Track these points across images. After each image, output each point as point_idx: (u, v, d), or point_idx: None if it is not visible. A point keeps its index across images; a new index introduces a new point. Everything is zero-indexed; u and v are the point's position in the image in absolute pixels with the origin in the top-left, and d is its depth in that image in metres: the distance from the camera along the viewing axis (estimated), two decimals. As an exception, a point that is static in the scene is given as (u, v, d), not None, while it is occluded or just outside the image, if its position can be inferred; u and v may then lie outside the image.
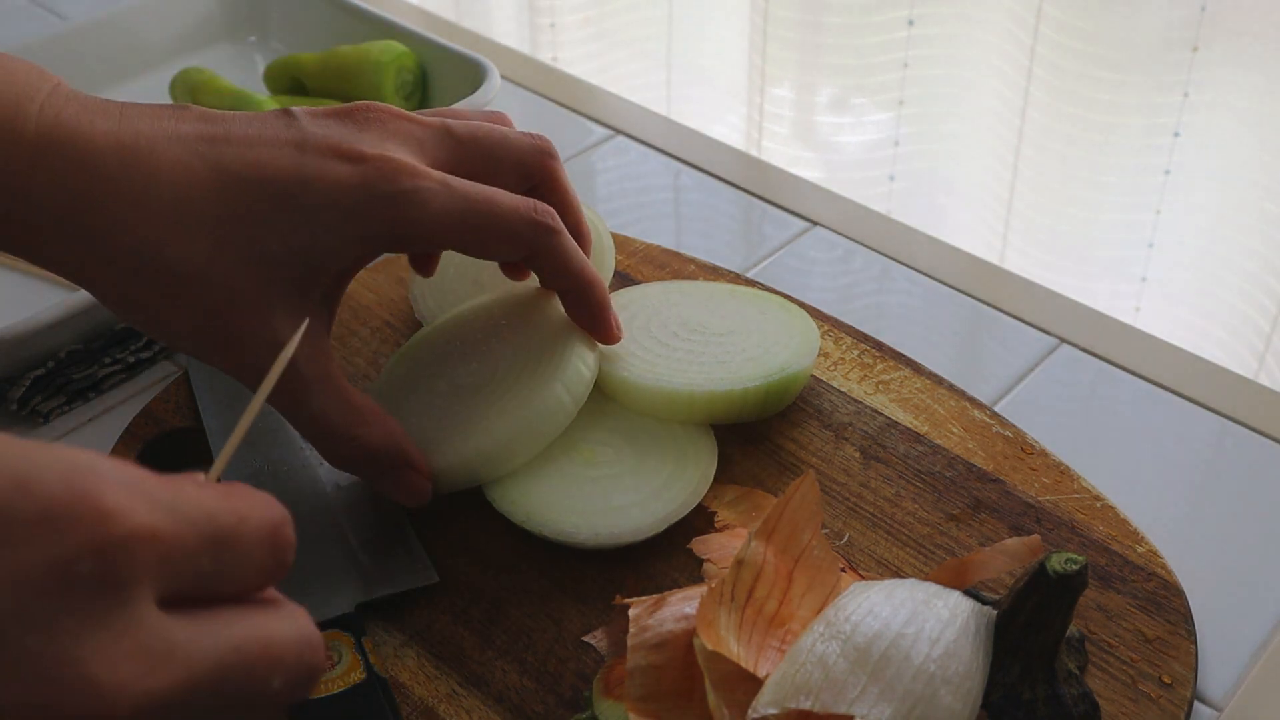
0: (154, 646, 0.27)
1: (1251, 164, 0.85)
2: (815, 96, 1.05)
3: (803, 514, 0.45)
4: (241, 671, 0.29)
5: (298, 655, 0.31)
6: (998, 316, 0.67)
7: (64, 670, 0.26)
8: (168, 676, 0.27)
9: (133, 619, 0.27)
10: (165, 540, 0.28)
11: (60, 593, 0.26)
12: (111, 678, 0.26)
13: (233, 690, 0.29)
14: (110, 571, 0.27)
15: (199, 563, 0.29)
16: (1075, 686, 0.45)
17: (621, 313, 0.60)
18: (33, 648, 0.26)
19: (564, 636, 0.50)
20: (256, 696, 0.30)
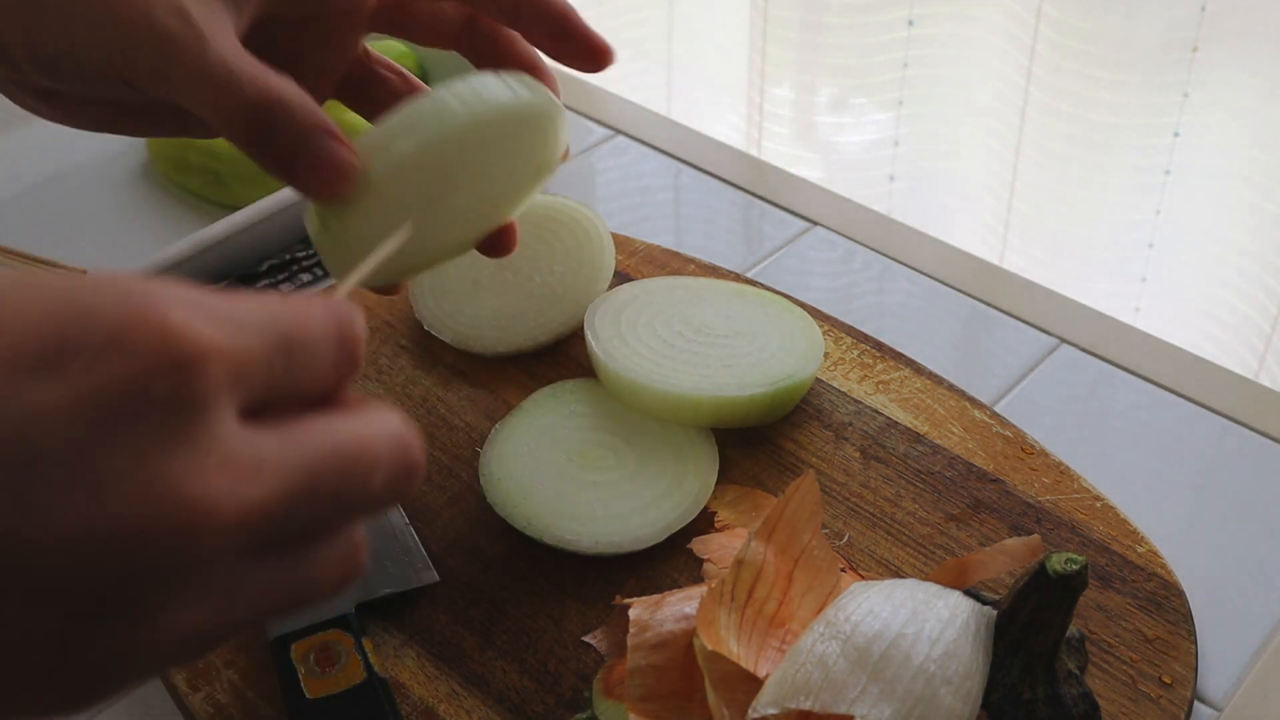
0: (242, 459, 0.27)
1: (1251, 164, 0.85)
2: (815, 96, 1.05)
3: (803, 514, 0.46)
4: (336, 475, 0.29)
5: (394, 452, 0.30)
6: (998, 316, 0.67)
7: (154, 489, 0.25)
8: (261, 487, 0.27)
9: (216, 434, 0.26)
10: (234, 353, 0.27)
11: (139, 413, 0.25)
12: (204, 492, 0.26)
13: (330, 494, 0.29)
14: (185, 389, 0.26)
15: (271, 369, 0.28)
16: (1075, 686, 0.45)
17: (625, 309, 0.60)
18: (120, 469, 0.25)
19: (564, 636, 0.50)
20: (358, 499, 0.29)
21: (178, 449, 0.26)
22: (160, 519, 0.25)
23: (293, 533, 0.29)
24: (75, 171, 0.79)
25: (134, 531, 0.25)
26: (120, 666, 0.27)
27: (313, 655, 0.47)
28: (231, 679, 0.48)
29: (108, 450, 0.25)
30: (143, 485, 0.25)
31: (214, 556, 0.26)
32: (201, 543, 0.26)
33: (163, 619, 0.26)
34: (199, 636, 0.28)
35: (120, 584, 0.25)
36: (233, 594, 0.28)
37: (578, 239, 0.64)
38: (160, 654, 0.27)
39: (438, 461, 0.57)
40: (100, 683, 0.27)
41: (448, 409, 0.60)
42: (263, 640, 0.49)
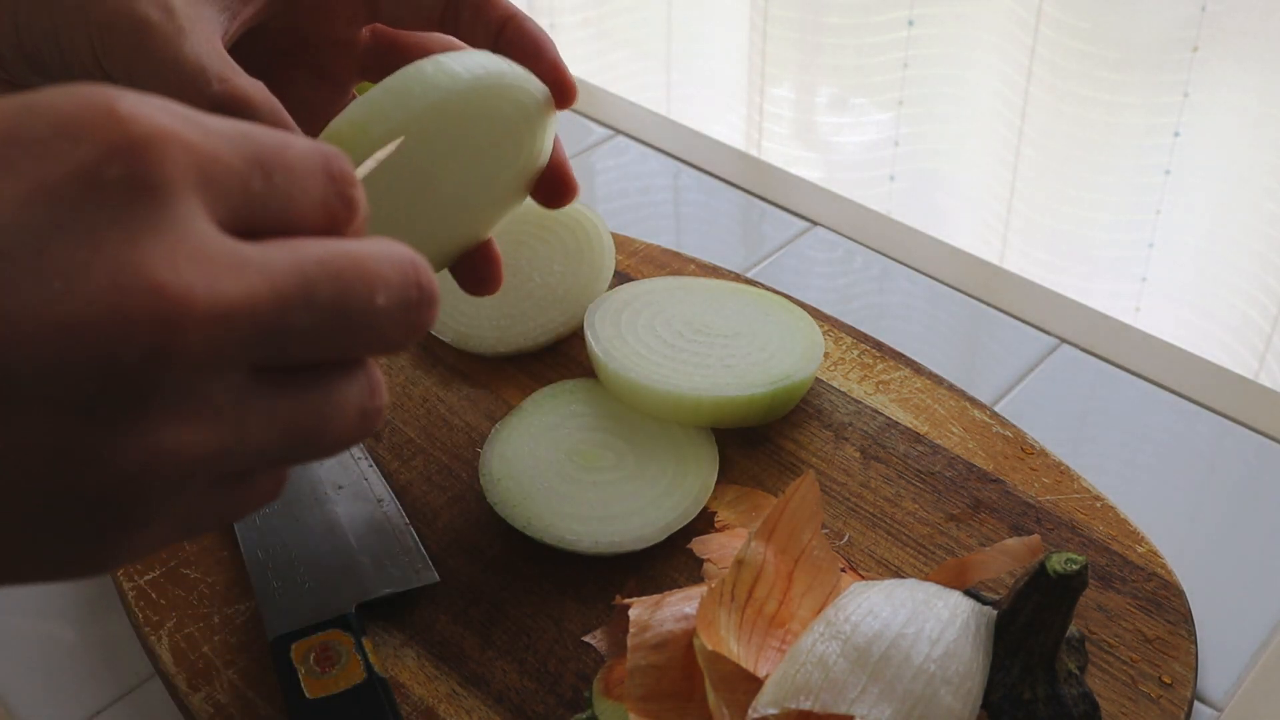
0: (220, 256, 0.25)
1: (1251, 164, 0.85)
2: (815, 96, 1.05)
3: (803, 514, 0.45)
4: (334, 284, 0.27)
5: (399, 271, 0.28)
6: (998, 316, 0.67)
7: (120, 277, 0.24)
8: (244, 284, 0.25)
9: (185, 226, 0.25)
10: (197, 148, 0.25)
11: (94, 200, 0.24)
12: (175, 280, 0.24)
13: (329, 305, 0.27)
14: (141, 173, 0.24)
15: (248, 185, 0.26)
16: (1075, 686, 0.45)
17: (625, 309, 0.60)
18: (82, 260, 0.23)
19: (564, 636, 0.50)
20: (363, 316, 0.27)
21: (140, 236, 0.24)
22: (130, 307, 0.24)
23: (295, 349, 0.27)
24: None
25: (104, 321, 0.23)
26: (130, 495, 0.25)
27: (313, 655, 0.47)
28: (231, 679, 0.48)
29: (65, 242, 0.24)
30: (107, 274, 0.24)
31: (202, 358, 0.25)
32: (181, 337, 0.24)
33: (161, 434, 0.25)
34: (211, 465, 0.26)
35: (102, 385, 0.24)
36: (239, 417, 0.26)
37: (578, 239, 0.64)
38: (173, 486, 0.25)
39: (438, 461, 0.57)
40: (112, 521, 0.25)
41: (448, 409, 0.60)
42: (263, 640, 0.49)
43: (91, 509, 0.25)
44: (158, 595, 0.51)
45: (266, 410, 0.27)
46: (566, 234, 0.64)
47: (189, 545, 0.53)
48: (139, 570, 0.52)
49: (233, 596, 0.51)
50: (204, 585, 0.52)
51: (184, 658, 0.49)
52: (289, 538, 0.52)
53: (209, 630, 0.50)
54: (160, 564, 0.53)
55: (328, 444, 0.29)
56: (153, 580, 0.52)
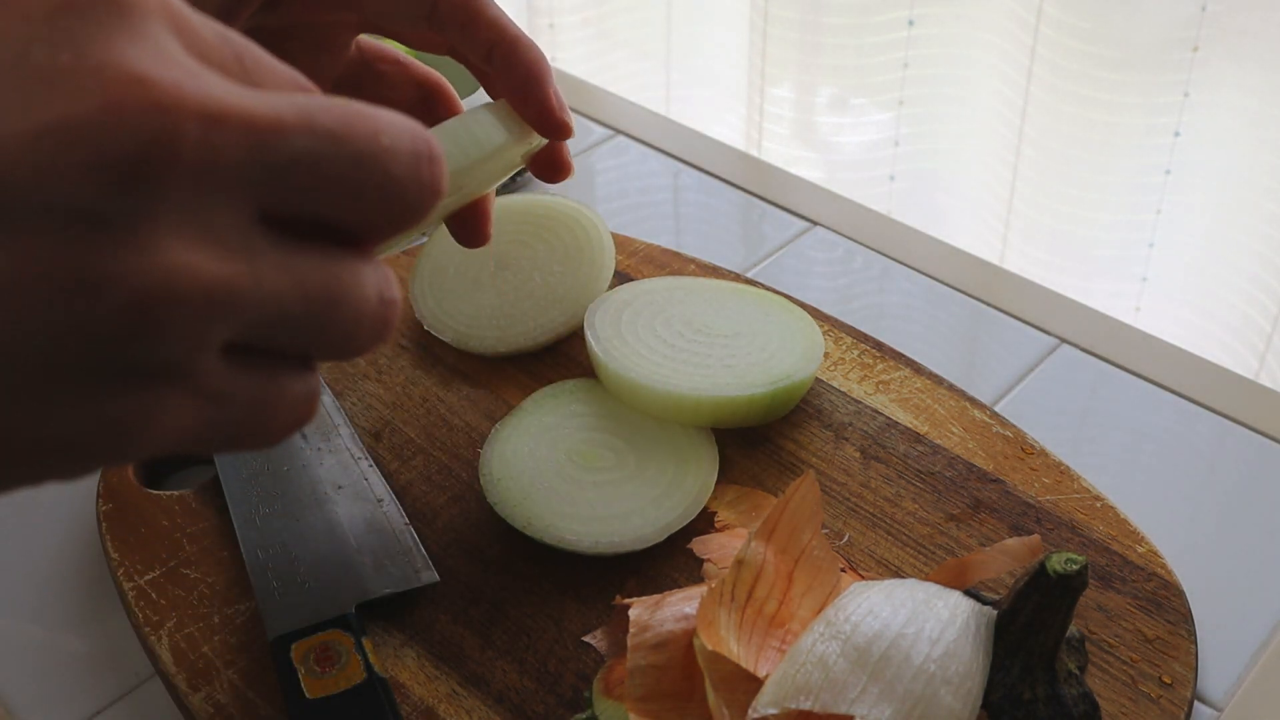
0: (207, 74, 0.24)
1: (1251, 164, 0.85)
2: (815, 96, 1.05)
3: (803, 514, 0.46)
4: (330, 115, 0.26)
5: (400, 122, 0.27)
6: (998, 316, 0.67)
7: (110, 73, 0.23)
8: (236, 94, 0.24)
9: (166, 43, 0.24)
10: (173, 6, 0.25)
11: (70, 14, 0.23)
12: (163, 74, 0.23)
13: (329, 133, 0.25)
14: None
15: (223, 58, 0.26)
16: (1075, 686, 0.45)
17: (625, 309, 0.60)
18: (64, 62, 0.23)
19: (564, 636, 0.50)
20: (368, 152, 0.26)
21: (121, 40, 0.24)
22: (120, 98, 0.23)
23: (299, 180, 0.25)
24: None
25: (95, 114, 0.23)
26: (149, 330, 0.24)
27: (313, 655, 0.47)
28: (231, 679, 0.48)
29: (45, 49, 0.23)
30: (92, 71, 0.23)
31: (200, 163, 0.24)
32: (175, 128, 0.23)
33: (170, 250, 0.24)
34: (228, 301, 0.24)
35: (101, 185, 0.23)
36: (251, 258, 0.25)
37: (578, 239, 0.64)
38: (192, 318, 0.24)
39: (438, 461, 0.57)
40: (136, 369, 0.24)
41: (448, 409, 0.60)
42: (263, 640, 0.49)
43: (104, 344, 0.23)
44: (158, 595, 0.51)
45: (280, 260, 0.26)
46: (566, 234, 0.64)
47: (189, 545, 0.53)
48: (139, 570, 0.52)
49: (233, 596, 0.51)
50: (204, 585, 0.52)
51: (184, 658, 0.49)
52: (289, 538, 0.52)
53: (209, 630, 0.50)
54: (160, 564, 0.53)
55: (348, 325, 0.27)
56: (153, 580, 0.52)
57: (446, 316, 0.63)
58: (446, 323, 0.63)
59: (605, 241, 0.64)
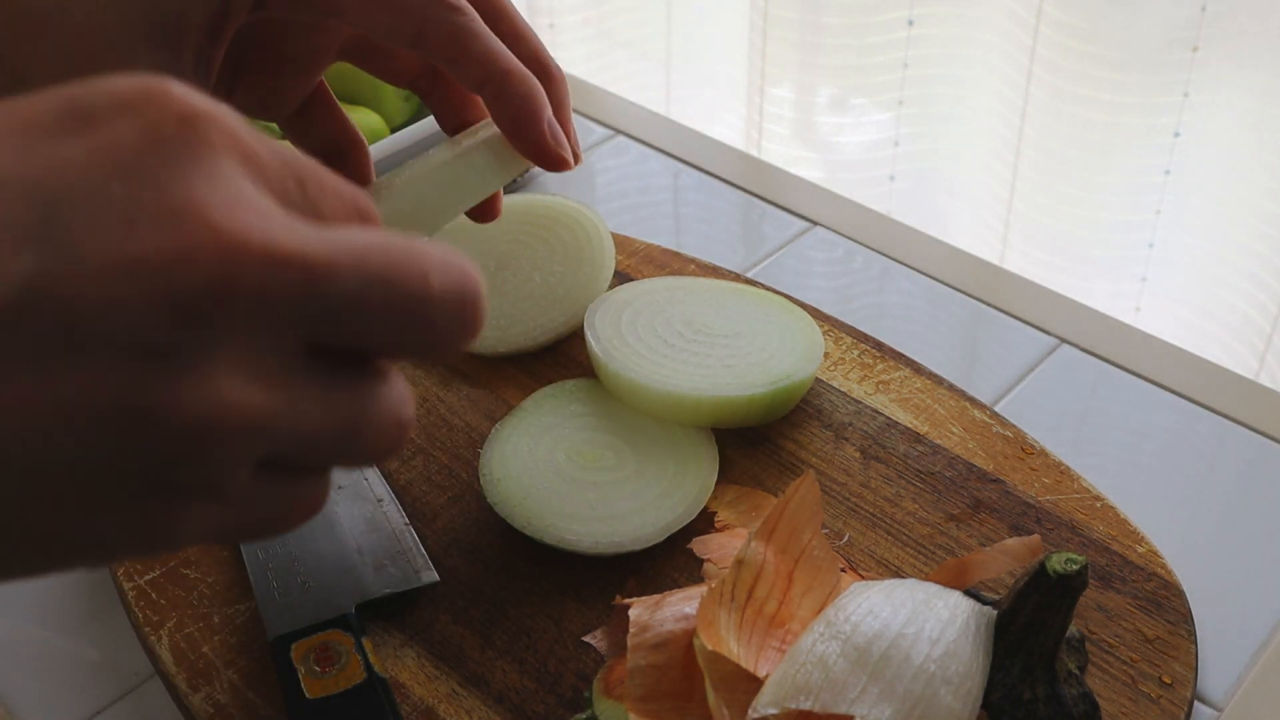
0: (273, 214, 0.26)
1: (1251, 164, 0.85)
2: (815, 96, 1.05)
3: (803, 514, 0.45)
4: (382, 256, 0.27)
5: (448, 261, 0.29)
6: (998, 316, 0.67)
7: (185, 217, 0.25)
8: (297, 236, 0.26)
9: (238, 183, 0.26)
10: (243, 140, 0.27)
11: (156, 153, 0.25)
12: (231, 221, 0.25)
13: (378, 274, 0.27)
14: (197, 134, 0.26)
15: (285, 184, 0.28)
16: (1075, 686, 0.45)
17: (625, 309, 0.60)
18: (144, 201, 0.25)
19: (564, 636, 0.50)
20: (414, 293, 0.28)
21: (198, 182, 0.25)
22: (191, 242, 0.25)
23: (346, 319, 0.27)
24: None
25: (166, 256, 0.24)
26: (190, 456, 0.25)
27: (313, 655, 0.47)
28: (231, 679, 0.48)
29: (128, 187, 0.25)
30: (168, 213, 0.25)
31: (258, 303, 0.25)
32: (238, 272, 0.25)
33: (221, 384, 0.25)
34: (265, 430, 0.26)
35: (165, 321, 0.24)
36: (292, 389, 0.27)
37: (578, 239, 0.64)
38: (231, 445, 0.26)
39: (438, 461, 0.57)
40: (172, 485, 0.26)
41: (448, 409, 0.60)
42: (263, 640, 0.49)
43: (152, 466, 0.25)
44: (158, 595, 0.51)
45: (317, 393, 0.27)
46: (566, 234, 0.64)
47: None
48: (139, 570, 0.52)
49: (233, 596, 0.51)
50: (204, 585, 0.52)
51: (184, 658, 0.49)
52: (289, 538, 0.52)
53: (209, 630, 0.50)
54: (160, 564, 0.52)
55: (367, 447, 0.29)
56: (153, 580, 0.52)
57: (446, 316, 0.63)
58: (446, 323, 0.63)
59: (605, 241, 0.64)
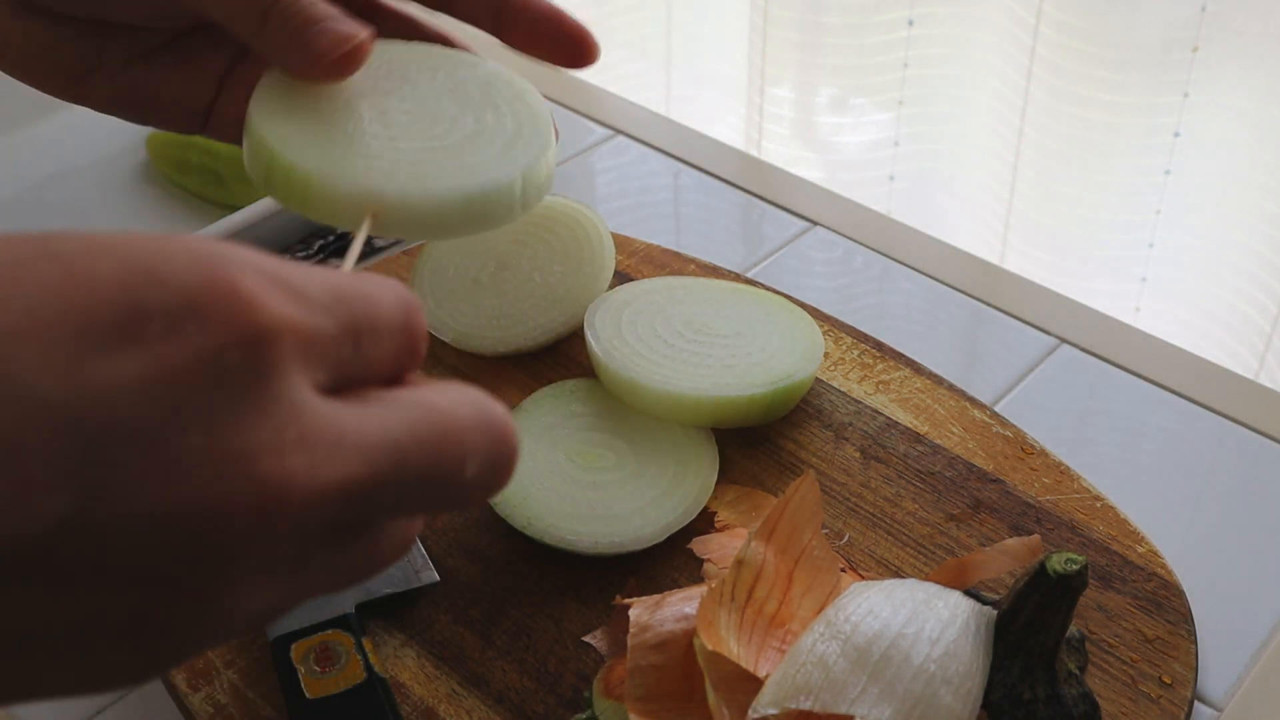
0: (320, 435, 0.26)
1: (1251, 164, 0.85)
2: (815, 96, 1.05)
3: (803, 514, 0.45)
4: (424, 456, 0.27)
5: (487, 438, 0.29)
6: (998, 316, 0.67)
7: (229, 467, 0.24)
8: (342, 466, 0.26)
9: (293, 409, 0.25)
10: (306, 330, 0.26)
11: (213, 386, 0.24)
12: (280, 471, 0.25)
13: (419, 477, 0.27)
14: (260, 360, 0.25)
15: (341, 352, 0.27)
16: (1075, 686, 0.45)
17: (625, 309, 0.60)
18: (195, 446, 0.24)
19: (564, 636, 0.50)
20: (450, 488, 0.28)
21: (253, 425, 0.25)
22: (236, 500, 0.24)
23: (374, 517, 0.28)
24: (75, 172, 0.79)
25: (208, 513, 0.24)
26: (184, 643, 0.26)
27: (313, 655, 0.47)
28: (231, 679, 0.48)
29: (181, 427, 0.24)
30: (218, 464, 0.24)
31: (291, 536, 0.26)
32: (276, 524, 0.25)
33: (232, 599, 0.26)
34: (266, 611, 0.27)
35: (192, 566, 0.25)
36: (303, 574, 0.27)
37: (578, 239, 0.64)
38: (225, 630, 0.27)
39: (438, 461, 0.57)
40: (161, 659, 0.27)
41: (448, 409, 0.60)
42: (263, 640, 0.49)
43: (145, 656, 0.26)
44: (158, 595, 0.51)
45: (331, 564, 0.28)
46: (566, 234, 0.64)
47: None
48: (139, 570, 0.52)
49: (233, 596, 0.51)
50: (204, 585, 0.52)
51: (184, 658, 0.49)
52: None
53: (209, 630, 0.50)
54: (160, 564, 0.53)
55: (364, 578, 0.30)
56: (153, 580, 0.52)
57: (446, 316, 0.63)
58: (446, 323, 0.63)
59: (605, 241, 0.64)
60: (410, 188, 0.43)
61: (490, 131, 0.47)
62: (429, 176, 0.44)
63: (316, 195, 0.43)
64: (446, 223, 0.44)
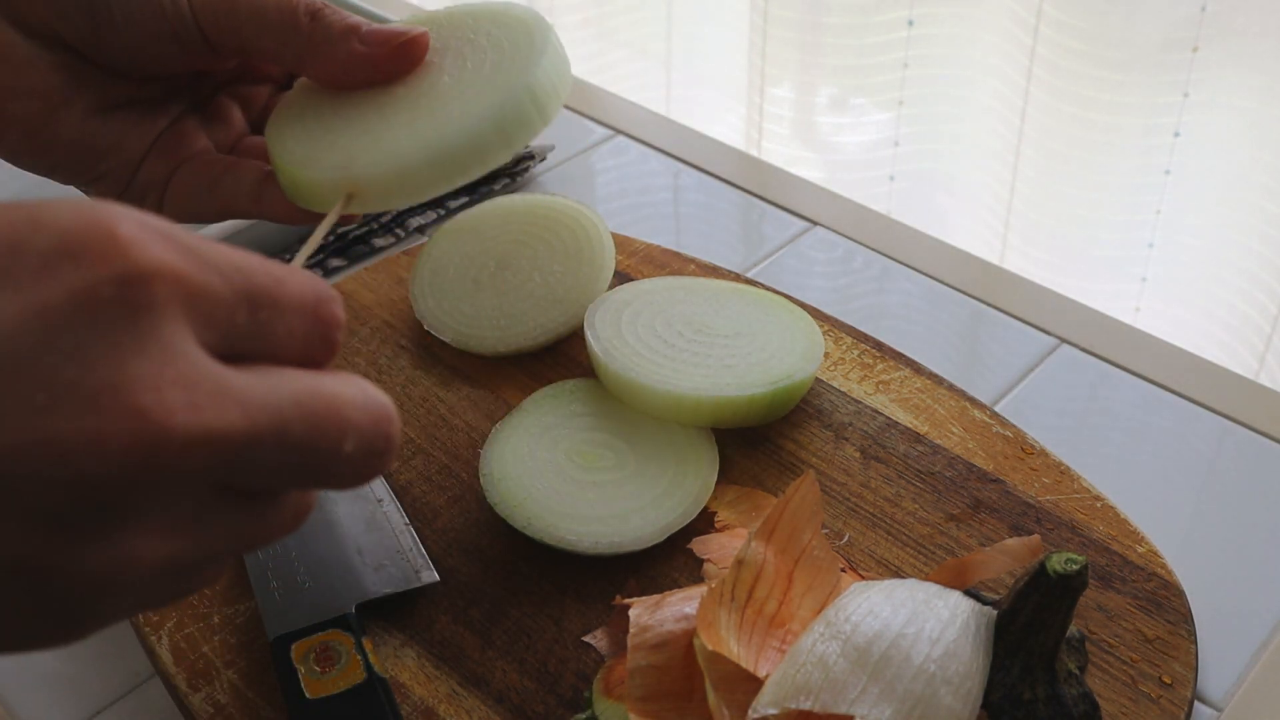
0: (202, 382, 0.26)
1: (1251, 164, 0.85)
2: (815, 96, 1.05)
3: (803, 514, 0.46)
4: (306, 425, 0.28)
5: (369, 418, 0.29)
6: (998, 316, 0.67)
7: (106, 398, 0.25)
8: (221, 416, 0.26)
9: (172, 350, 0.26)
10: (190, 280, 0.27)
11: (88, 321, 0.25)
12: (158, 404, 0.25)
13: (299, 445, 0.28)
14: (135, 298, 0.25)
15: (234, 316, 0.28)
16: (1075, 686, 0.45)
17: (625, 309, 0.60)
18: (70, 377, 0.25)
19: (564, 636, 0.50)
20: (328, 460, 0.29)
21: (130, 361, 0.25)
22: (110, 428, 0.25)
23: (257, 479, 0.28)
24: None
25: (83, 440, 0.24)
26: (91, 596, 0.26)
27: (313, 655, 0.47)
28: (231, 679, 0.48)
29: (55, 360, 0.25)
30: (92, 395, 0.25)
31: (173, 480, 0.26)
32: (156, 460, 0.25)
33: (127, 545, 0.26)
34: (169, 569, 0.27)
35: (75, 498, 0.25)
36: (200, 529, 0.28)
37: (578, 239, 0.64)
38: (132, 585, 0.27)
39: (438, 461, 0.57)
40: (73, 615, 0.27)
41: (448, 409, 0.60)
42: (263, 640, 0.49)
43: (53, 607, 0.26)
44: (158, 595, 0.51)
45: (224, 523, 0.29)
46: (566, 234, 0.64)
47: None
48: (139, 570, 0.52)
49: (233, 596, 0.51)
50: (204, 585, 0.52)
51: (184, 658, 0.49)
52: (289, 538, 0.52)
53: (209, 630, 0.50)
54: (160, 564, 0.53)
55: (265, 543, 0.30)
56: (153, 580, 0.52)
57: (446, 316, 0.63)
58: (446, 323, 0.63)
59: (605, 241, 0.64)
60: (381, 160, 0.45)
61: (469, 75, 0.48)
62: (402, 141, 0.46)
63: (303, 185, 0.46)
64: (422, 183, 0.46)
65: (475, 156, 0.45)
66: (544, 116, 0.47)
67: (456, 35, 0.49)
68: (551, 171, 0.79)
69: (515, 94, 0.46)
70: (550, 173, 0.79)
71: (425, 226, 0.74)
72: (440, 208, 0.75)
